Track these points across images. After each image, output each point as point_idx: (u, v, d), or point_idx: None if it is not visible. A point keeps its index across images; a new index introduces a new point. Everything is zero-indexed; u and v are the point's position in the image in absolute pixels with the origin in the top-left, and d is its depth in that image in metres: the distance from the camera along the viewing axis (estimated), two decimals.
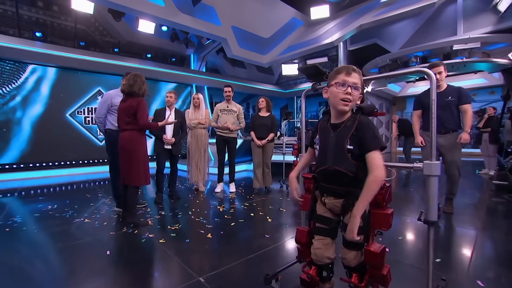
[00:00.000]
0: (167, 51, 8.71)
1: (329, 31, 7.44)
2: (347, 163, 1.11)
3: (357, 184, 1.09)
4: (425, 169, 1.21)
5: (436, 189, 1.19)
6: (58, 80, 6.22)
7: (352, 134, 1.11)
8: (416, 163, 1.26)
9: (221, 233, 2.51)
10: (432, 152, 1.21)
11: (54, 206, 3.43)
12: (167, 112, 3.71)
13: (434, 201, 1.20)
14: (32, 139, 5.93)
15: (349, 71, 1.13)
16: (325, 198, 1.21)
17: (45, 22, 6.70)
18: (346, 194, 1.13)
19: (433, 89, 1.19)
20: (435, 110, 1.20)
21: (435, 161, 1.21)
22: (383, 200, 1.12)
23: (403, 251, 2.09)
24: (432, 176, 1.20)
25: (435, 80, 1.18)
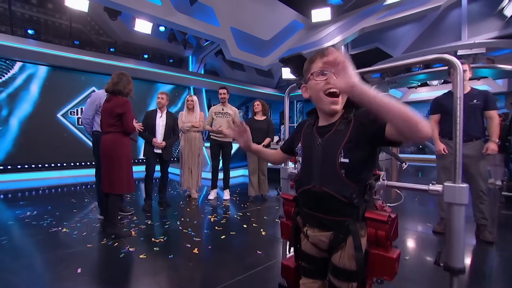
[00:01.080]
0: (164, 52, 8.53)
1: (330, 34, 7.28)
2: (339, 183, 0.81)
3: (351, 213, 0.81)
4: (447, 195, 0.88)
5: (461, 224, 0.87)
6: (51, 79, 6.02)
7: (348, 140, 0.81)
8: (433, 185, 0.94)
9: (209, 247, 2.29)
10: (457, 170, 0.89)
11: (33, 212, 3.20)
12: (158, 114, 3.51)
13: (458, 240, 0.88)
14: (20, 139, 5.70)
15: (325, 52, 0.80)
16: (308, 229, 0.91)
17: (38, 19, 6.53)
18: (336, 226, 0.83)
19: (459, 82, 0.87)
20: (461, 110, 0.88)
21: (461, 183, 0.88)
22: (386, 238, 0.79)
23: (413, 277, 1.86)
24: (457, 205, 0.87)
25: (461, 71, 0.86)
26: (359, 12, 7.31)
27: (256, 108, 4.03)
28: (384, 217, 0.80)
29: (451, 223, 0.89)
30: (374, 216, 0.81)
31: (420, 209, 3.58)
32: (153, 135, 3.43)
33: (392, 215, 0.85)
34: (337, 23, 7.66)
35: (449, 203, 0.89)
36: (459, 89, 0.88)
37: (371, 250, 0.83)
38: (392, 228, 0.85)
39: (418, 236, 2.63)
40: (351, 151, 0.80)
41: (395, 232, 0.88)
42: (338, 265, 0.83)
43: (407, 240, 2.52)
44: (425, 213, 3.37)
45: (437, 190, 0.91)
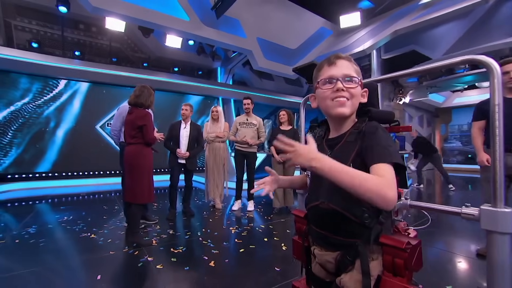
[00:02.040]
0: (194, 64, 8.90)
1: (360, 39, 6.98)
2: (348, 200, 0.72)
3: (362, 233, 0.73)
4: (485, 220, 0.72)
5: (506, 257, 0.69)
6: (92, 94, 6.63)
7: (357, 153, 0.74)
8: (466, 208, 0.77)
9: (226, 261, 2.21)
10: (498, 190, 0.71)
11: (70, 217, 3.44)
12: (182, 125, 3.59)
13: (501, 278, 0.70)
14: (64, 149, 6.30)
15: (331, 60, 0.78)
16: (315, 248, 0.84)
17: (84, 42, 7.25)
18: (344, 247, 0.75)
19: (496, 87, 0.74)
20: (500, 118, 0.74)
21: (505, 207, 0.70)
22: (404, 266, 0.68)
23: None
24: (498, 233, 0.70)
25: (499, 73, 0.72)
26: (391, 14, 6.93)
27: (282, 118, 3.94)
28: (402, 244, 0.69)
29: (491, 256, 0.71)
30: (390, 242, 0.71)
31: (464, 226, 3.14)
32: (177, 145, 3.51)
33: (413, 241, 0.72)
34: (367, 27, 7.34)
35: (488, 230, 0.72)
36: (497, 94, 0.74)
37: (384, 277, 0.72)
38: (414, 256, 0.72)
39: (457, 262, 2.28)
40: (360, 165, 0.72)
41: (418, 261, 0.74)
42: (340, 285, 0.75)
43: (442, 266, 2.20)
44: (470, 232, 2.94)
45: (473, 214, 0.74)
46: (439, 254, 2.44)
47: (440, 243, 2.67)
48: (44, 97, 6.15)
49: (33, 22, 6.54)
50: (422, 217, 2.85)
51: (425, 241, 2.63)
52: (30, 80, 5.99)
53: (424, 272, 2.02)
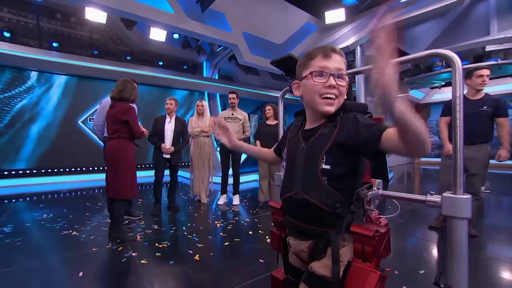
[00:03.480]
0: (179, 58, 8.73)
1: (344, 35, 7.09)
2: (321, 190, 0.75)
3: (334, 223, 0.75)
4: (446, 207, 0.77)
5: (464, 240, 0.77)
6: (72, 88, 6.37)
7: (330, 146, 0.75)
8: (430, 196, 0.83)
9: (211, 254, 2.24)
10: (458, 179, 0.78)
11: (49, 215, 3.34)
12: (167, 120, 3.55)
13: (460, 258, 0.77)
14: (44, 145, 6.05)
15: (327, 52, 0.76)
16: (290, 238, 0.87)
17: (62, 33, 6.92)
18: (317, 236, 0.77)
19: (458, 79, 0.78)
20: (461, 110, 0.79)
21: (464, 194, 0.77)
22: (372, 253, 0.71)
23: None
24: (458, 218, 0.76)
25: (460, 68, 0.78)
26: (374, 11, 7.07)
27: (268, 112, 3.97)
28: (371, 232, 0.72)
29: (451, 239, 0.77)
30: (359, 231, 0.74)
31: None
32: (162, 140, 3.47)
33: (381, 229, 0.76)
34: (351, 23, 7.46)
35: (449, 216, 0.77)
36: (458, 87, 0.78)
37: (354, 262, 0.75)
38: (382, 244, 0.75)
39: (424, 246, 2.42)
40: (333, 157, 0.74)
41: (386, 248, 0.78)
42: (310, 270, 0.77)
43: (410, 249, 2.33)
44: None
45: (436, 202, 0.80)
46: (416, 242, 2.58)
47: (419, 232, 2.81)
48: (20, 91, 5.85)
49: (4, 10, 6.18)
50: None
51: (403, 230, 2.77)
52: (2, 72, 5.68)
53: (402, 260, 2.14)
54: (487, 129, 2.49)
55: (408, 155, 0.66)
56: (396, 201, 1.00)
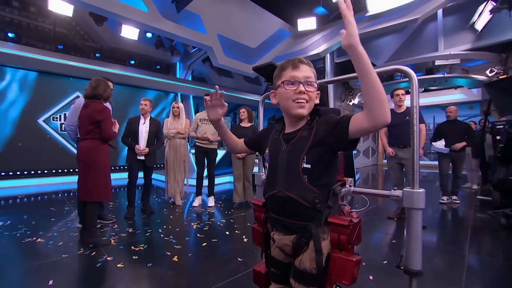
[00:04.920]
0: (151, 58, 8.49)
1: (315, 43, 7.45)
2: (302, 188, 0.84)
3: (315, 217, 0.84)
4: (406, 200, 0.94)
5: (419, 227, 0.93)
6: (33, 84, 5.88)
7: (310, 146, 0.85)
8: (394, 191, 0.99)
9: (189, 255, 2.27)
10: (415, 176, 0.95)
11: (6, 222, 3.08)
12: (141, 121, 3.48)
13: (417, 243, 0.94)
14: (2, 146, 5.51)
15: (296, 63, 0.87)
16: (274, 234, 0.94)
17: (20, 23, 6.38)
18: (299, 230, 0.86)
19: (415, 92, 0.96)
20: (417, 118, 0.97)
21: (419, 188, 0.94)
22: (347, 242, 0.82)
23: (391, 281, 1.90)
24: (415, 209, 0.92)
25: (416, 81, 0.96)
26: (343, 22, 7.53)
27: (242, 115, 4.05)
28: (345, 221, 0.82)
29: (410, 227, 0.93)
30: (336, 221, 0.84)
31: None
32: (136, 141, 3.39)
33: (354, 220, 0.86)
34: (322, 32, 7.87)
35: (408, 208, 0.93)
36: (415, 98, 0.94)
37: (333, 254, 0.85)
38: (355, 233, 0.85)
39: (386, 240, 2.69)
40: (312, 157, 0.84)
41: (358, 237, 0.88)
42: (298, 267, 0.85)
43: (374, 243, 2.59)
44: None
45: (397, 196, 0.96)
46: (380, 236, 2.84)
47: (381, 227, 3.09)
48: None
49: None
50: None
51: (369, 226, 3.02)
52: None
53: (368, 252, 2.35)
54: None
55: (373, 123, 0.71)
56: (366, 197, 1.15)
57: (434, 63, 6.42)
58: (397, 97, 3.32)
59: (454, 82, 7.66)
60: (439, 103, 9.53)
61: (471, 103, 9.41)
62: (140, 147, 3.36)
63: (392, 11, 6.17)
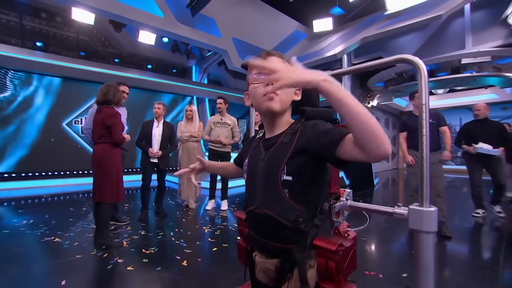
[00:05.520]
0: (168, 62, 8.69)
1: (332, 44, 7.29)
2: (282, 204, 0.69)
3: (298, 239, 0.69)
4: (413, 220, 0.74)
5: (431, 255, 0.73)
6: (57, 90, 6.21)
7: (291, 154, 0.70)
8: (398, 208, 0.79)
9: (199, 260, 2.24)
10: (424, 189, 0.75)
11: (30, 221, 3.22)
12: (155, 124, 3.53)
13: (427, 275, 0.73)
14: (29, 148, 5.85)
15: (263, 56, 0.76)
16: (256, 255, 0.79)
17: (47, 32, 6.76)
18: (282, 254, 0.72)
19: (423, 88, 0.77)
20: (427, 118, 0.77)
21: (429, 206, 0.73)
22: (336, 271, 0.66)
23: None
24: (424, 232, 0.72)
25: (426, 74, 0.76)
26: (360, 22, 7.33)
27: (257, 118, 4.00)
28: (334, 246, 0.67)
29: (418, 254, 0.74)
30: (322, 244, 0.68)
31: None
32: (150, 144, 3.44)
33: (346, 242, 0.71)
34: (338, 33, 7.69)
35: (415, 230, 0.74)
36: (424, 94, 0.76)
37: (321, 284, 0.70)
38: (347, 259, 0.70)
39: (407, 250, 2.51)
40: (294, 167, 0.69)
41: (352, 263, 0.73)
42: None
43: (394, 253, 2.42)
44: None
45: (403, 214, 0.77)
46: (400, 246, 2.67)
47: (402, 236, 2.91)
48: (1, 92, 5.64)
49: None
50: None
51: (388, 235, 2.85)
52: None
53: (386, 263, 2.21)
54: (436, 137, 2.94)
55: (368, 157, 0.56)
56: (366, 213, 0.98)
57: (460, 62, 6.04)
58: (418, 100, 3.10)
59: (484, 81, 7.18)
60: (466, 104, 8.97)
61: (504, 103, 8.79)
62: (153, 150, 3.40)
63: (413, 8, 5.90)
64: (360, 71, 1.05)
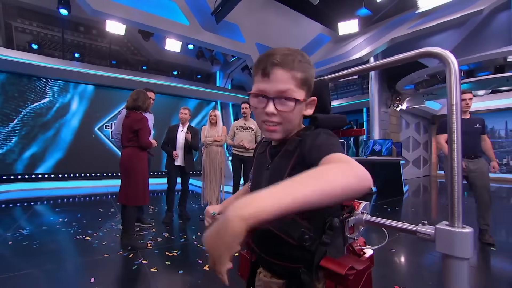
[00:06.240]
0: (193, 68, 8.96)
1: (358, 46, 7.07)
2: (284, 219, 0.59)
3: (305, 257, 0.62)
4: (441, 242, 0.60)
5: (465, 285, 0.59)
6: (90, 97, 6.67)
7: (292, 165, 0.63)
8: (422, 226, 0.65)
9: None
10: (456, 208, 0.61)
11: (65, 219, 3.42)
12: (180, 128, 3.61)
13: None
14: (65, 151, 6.31)
15: (266, 68, 0.59)
16: (261, 272, 0.72)
17: (84, 44, 7.30)
18: (287, 275, 0.65)
19: (453, 85, 0.64)
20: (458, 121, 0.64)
21: (464, 227, 0.59)
22: None
23: None
24: (455, 258, 0.58)
25: (456, 68, 0.64)
26: (388, 22, 7.04)
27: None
28: (343, 269, 0.59)
29: (447, 282, 0.61)
30: (330, 266, 0.61)
31: None
32: (174, 148, 3.52)
33: (358, 265, 0.62)
34: (365, 34, 7.44)
35: (444, 254, 0.61)
36: (454, 92, 0.65)
37: None
38: (360, 283, 0.62)
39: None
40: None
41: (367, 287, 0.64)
42: None
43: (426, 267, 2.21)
44: None
45: (428, 234, 0.64)
46: (433, 260, 2.46)
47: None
48: (43, 99, 6.16)
49: (33, 24, 6.57)
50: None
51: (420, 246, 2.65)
52: (28, 81, 6.00)
53: (417, 278, 2.04)
54: (480, 144, 2.85)
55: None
56: (385, 229, 0.79)
57: (505, 60, 5.51)
58: (463, 102, 2.83)
59: None
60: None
61: None
62: (177, 153, 3.46)
63: (449, 4, 5.54)
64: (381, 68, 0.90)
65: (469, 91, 2.88)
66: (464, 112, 2.86)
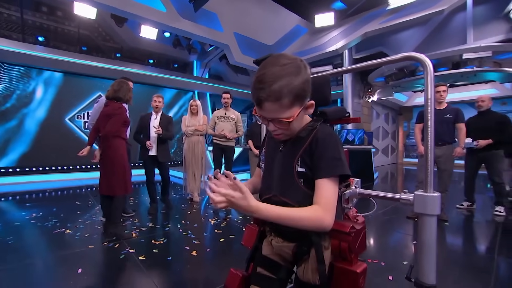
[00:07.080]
0: (169, 57, 8.68)
1: (333, 39, 7.30)
2: (298, 192, 0.76)
3: None
4: (418, 205, 0.82)
5: (433, 236, 0.82)
6: (58, 85, 6.21)
7: (304, 149, 0.76)
8: (404, 194, 0.88)
9: (207, 250, 2.31)
10: (429, 178, 0.84)
11: (39, 214, 3.28)
12: (153, 117, 3.54)
13: (430, 254, 0.82)
14: (31, 143, 5.88)
15: (258, 101, 0.70)
16: (272, 239, 0.87)
17: (48, 27, 6.72)
18: (298, 238, 0.80)
19: (429, 84, 0.83)
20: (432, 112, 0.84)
21: (434, 192, 0.82)
22: (348, 250, 0.75)
23: None
24: (428, 215, 0.81)
25: (431, 70, 0.82)
26: (362, 17, 7.33)
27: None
28: (347, 228, 0.75)
29: (422, 235, 0.83)
30: (336, 227, 0.75)
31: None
32: (147, 137, 3.43)
33: (357, 226, 0.79)
34: (340, 27, 7.68)
35: (420, 213, 0.83)
36: (430, 89, 0.82)
37: (335, 264, 0.79)
38: (358, 240, 0.78)
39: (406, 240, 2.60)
40: (307, 160, 0.76)
41: (362, 244, 0.81)
42: (302, 279, 0.79)
43: (394, 243, 2.51)
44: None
45: (408, 200, 0.86)
46: (399, 236, 2.76)
47: (401, 227, 3.00)
48: (2, 86, 5.64)
49: None
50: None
51: (387, 226, 2.95)
52: None
53: (387, 252, 2.30)
54: (451, 132, 3.12)
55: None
56: (373, 200, 1.03)
57: (461, 57, 6.07)
58: (437, 94, 3.12)
59: (484, 76, 7.24)
60: (466, 99, 9.02)
61: (504, 98, 8.86)
62: (151, 142, 3.38)
63: (415, 3, 5.91)
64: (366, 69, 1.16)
65: (443, 84, 3.14)
66: (439, 103, 3.15)
